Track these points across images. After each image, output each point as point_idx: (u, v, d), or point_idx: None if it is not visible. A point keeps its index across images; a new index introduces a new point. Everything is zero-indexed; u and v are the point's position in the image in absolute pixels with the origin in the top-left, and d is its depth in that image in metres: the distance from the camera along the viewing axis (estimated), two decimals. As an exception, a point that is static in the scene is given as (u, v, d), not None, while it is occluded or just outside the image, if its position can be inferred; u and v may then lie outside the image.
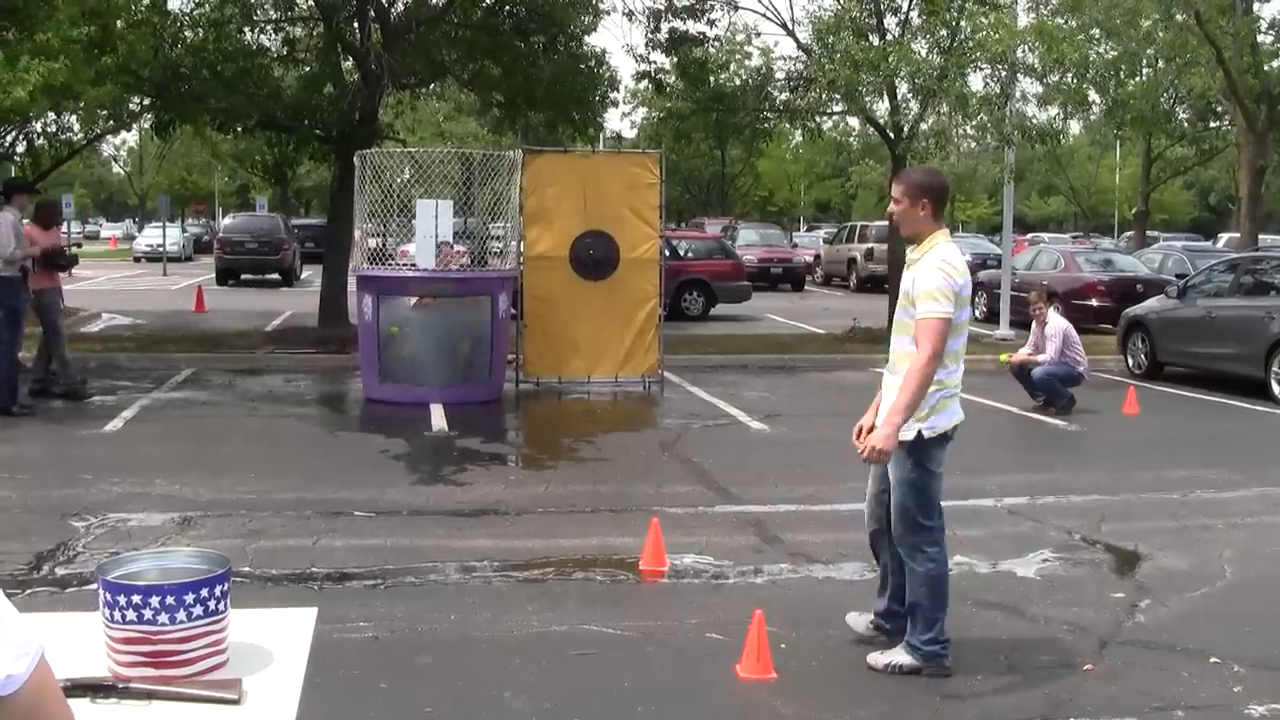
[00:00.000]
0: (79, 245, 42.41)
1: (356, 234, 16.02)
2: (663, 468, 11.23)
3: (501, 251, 15.61)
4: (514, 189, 15.37)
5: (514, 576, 7.67)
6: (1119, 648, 6.52)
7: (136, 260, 51.59)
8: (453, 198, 15.22)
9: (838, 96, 21.24)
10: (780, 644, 6.28)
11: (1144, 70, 34.29)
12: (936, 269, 5.80)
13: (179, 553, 3.46)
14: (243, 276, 37.39)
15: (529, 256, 15.49)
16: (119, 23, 17.30)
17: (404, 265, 14.86)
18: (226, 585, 3.23)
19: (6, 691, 2.20)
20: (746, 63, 26.27)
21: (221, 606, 3.22)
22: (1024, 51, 20.19)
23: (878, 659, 6.14)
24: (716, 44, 23.12)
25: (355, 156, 15.58)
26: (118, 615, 3.15)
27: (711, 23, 22.37)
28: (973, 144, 25.40)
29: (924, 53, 20.48)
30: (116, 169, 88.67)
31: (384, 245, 15.08)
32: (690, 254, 26.97)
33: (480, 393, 14.82)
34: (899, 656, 6.11)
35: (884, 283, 27.35)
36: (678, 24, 21.90)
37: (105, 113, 18.82)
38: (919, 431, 5.85)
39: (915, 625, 6.09)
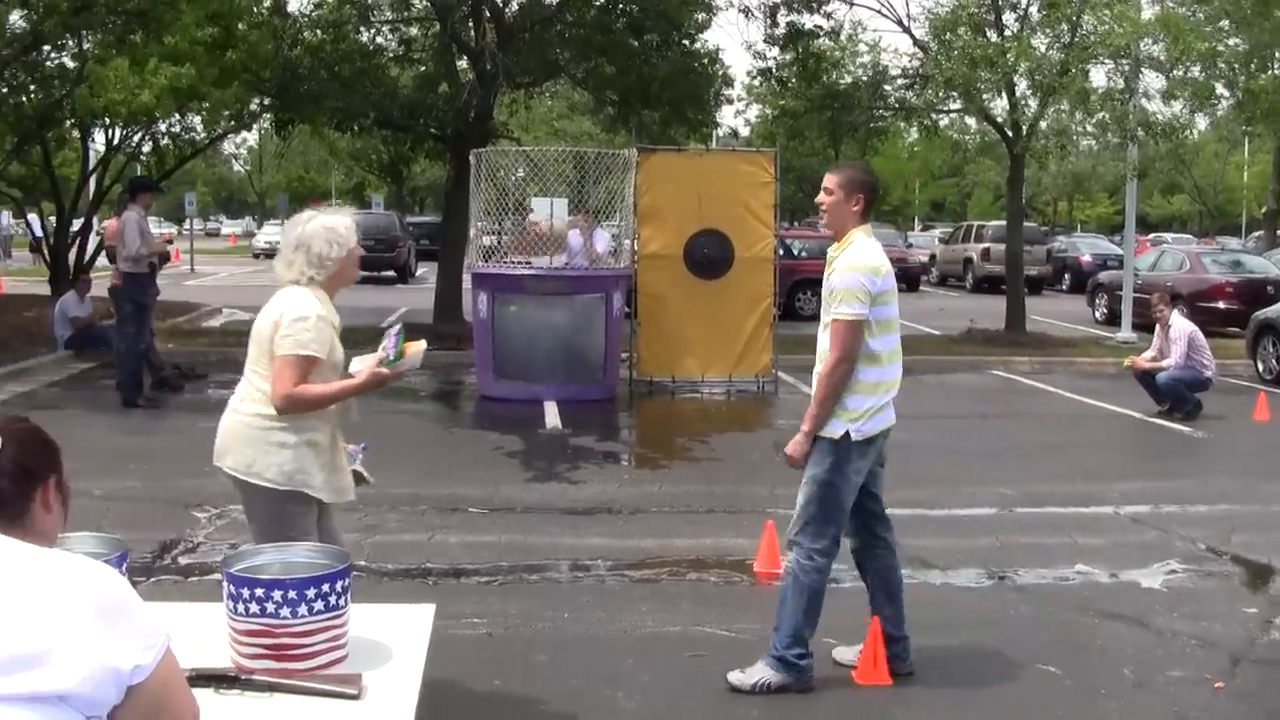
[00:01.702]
0: (169, 239, 43.02)
1: (471, 231, 16.15)
2: (776, 469, 11.01)
3: (615, 250, 15.62)
4: (628, 187, 15.41)
5: (628, 576, 7.67)
6: (1251, 666, 6.31)
7: (255, 256, 52.59)
8: (567, 196, 15.30)
9: (954, 94, 20.97)
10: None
11: (1276, 63, 33.35)
12: (850, 269, 5.61)
13: (300, 547, 3.52)
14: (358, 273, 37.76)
15: (643, 255, 15.49)
16: (240, 25, 17.72)
17: (518, 263, 14.94)
18: (347, 581, 3.27)
19: (135, 680, 2.24)
20: (859, 59, 25.92)
21: (342, 602, 3.27)
22: (1148, 44, 19.76)
23: (740, 678, 5.83)
24: (831, 39, 22.92)
25: (470, 155, 15.70)
26: (241, 608, 3.21)
27: (828, 15, 22.26)
28: (1093, 142, 24.95)
29: (1044, 48, 20.15)
30: (237, 167, 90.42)
31: (499, 242, 15.19)
32: (804, 253, 26.83)
33: (594, 391, 14.85)
34: (764, 673, 5.79)
35: (1001, 283, 27.01)
36: (794, 18, 21.81)
37: (228, 113, 19.10)
38: (847, 431, 5.64)
39: (780, 632, 5.80)
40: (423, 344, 4.93)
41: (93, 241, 24.19)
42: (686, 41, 22.03)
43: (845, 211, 5.74)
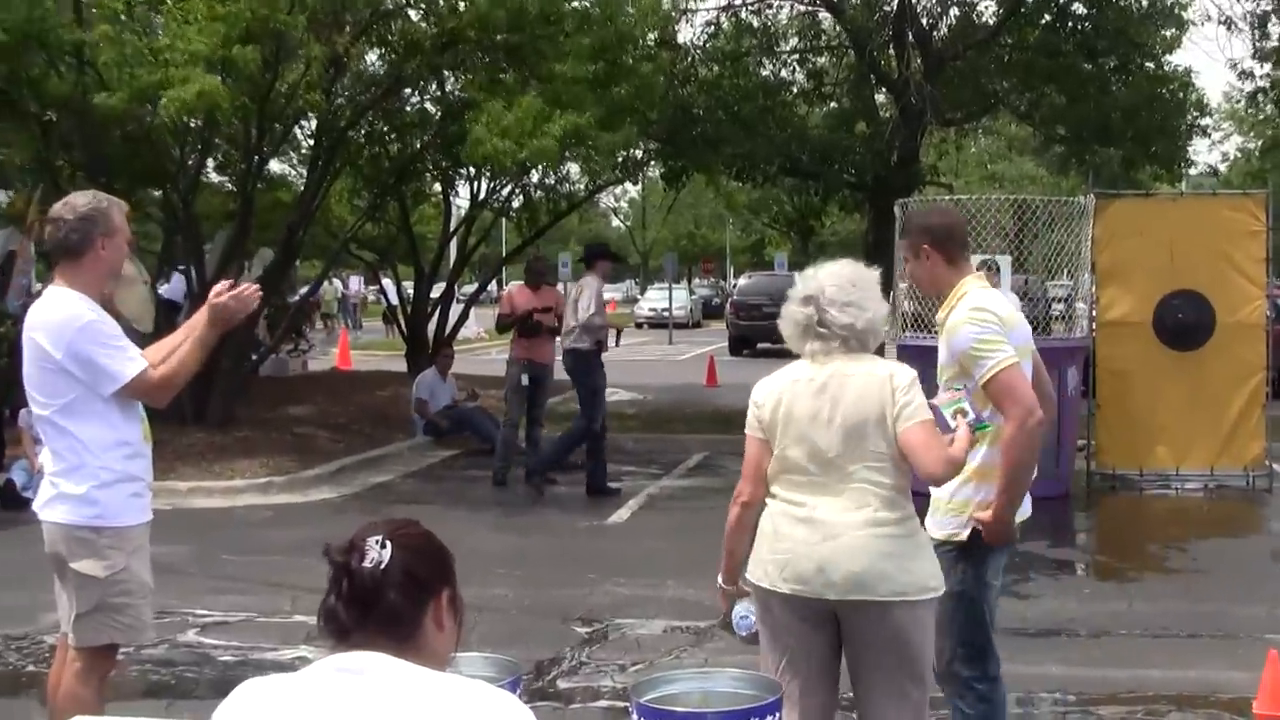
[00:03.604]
0: (545, 312, 44.47)
1: (893, 295, 16.08)
2: (1277, 584, 10.61)
3: (1066, 315, 15.26)
4: (1083, 242, 15.10)
5: (1093, 713, 7.43)
6: None
7: (639, 326, 53.33)
8: (1008, 252, 15.12)
9: None
10: None
11: None
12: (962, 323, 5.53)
13: (723, 674, 3.52)
14: (759, 345, 37.25)
15: (1103, 322, 15.13)
16: (627, 57, 17.99)
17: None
18: (780, 714, 3.25)
19: None
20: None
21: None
22: None
23: None
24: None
25: (895, 205, 15.70)
26: (654, 744, 3.22)
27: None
28: None
29: None
30: (616, 223, 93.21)
31: (921, 309, 15.05)
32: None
33: (1044, 486, 14.02)
34: None
35: None
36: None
37: (614, 161, 19.50)
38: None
39: None
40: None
41: (455, 310, 25.14)
42: (1151, 64, 21.45)
43: (927, 269, 5.79)
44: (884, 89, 21.46)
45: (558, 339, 14.95)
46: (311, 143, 19.81)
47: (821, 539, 4.71)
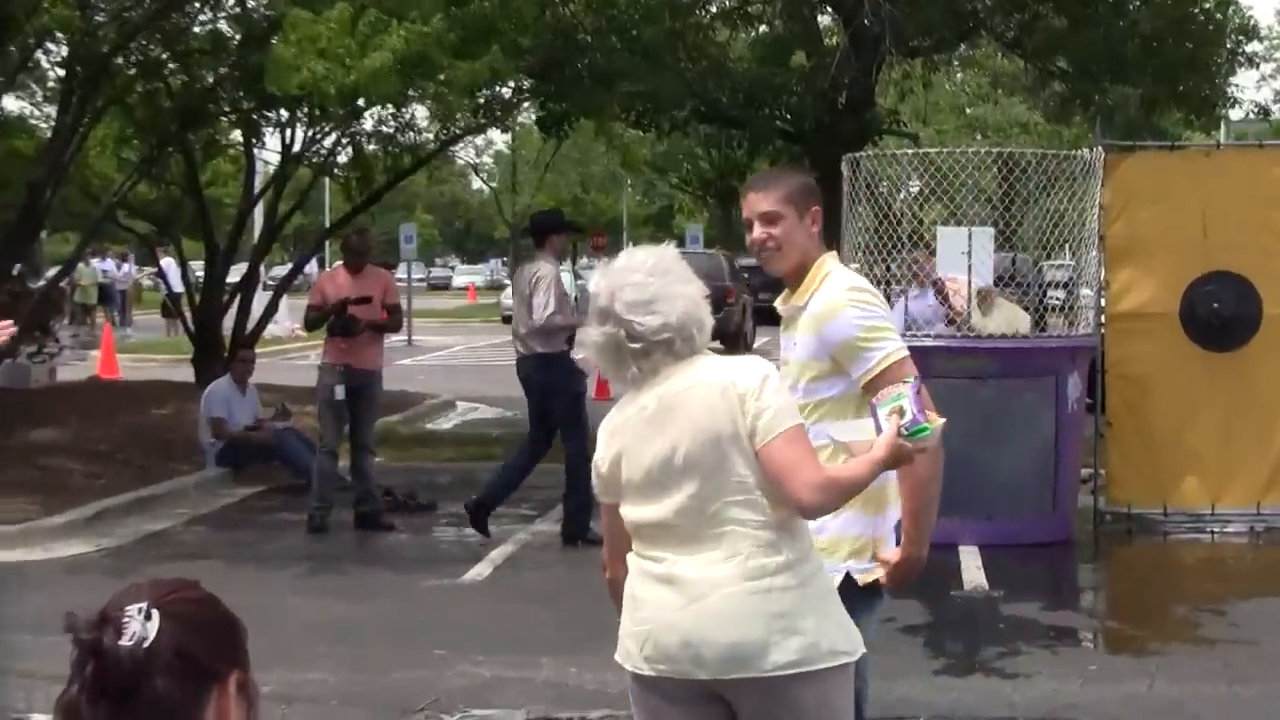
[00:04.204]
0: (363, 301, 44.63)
1: None
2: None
3: (1068, 306, 15.38)
4: (1089, 208, 15.07)
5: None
6: None
7: (507, 320, 52.97)
8: (990, 222, 15.19)
9: None
10: None
11: None
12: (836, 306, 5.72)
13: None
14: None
15: (1114, 314, 15.09)
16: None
17: (923, 335, 14.64)
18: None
19: None
20: None
21: None
22: None
23: None
24: None
25: (843, 161, 15.37)
26: None
27: None
28: None
29: None
30: (477, 184, 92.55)
31: (887, 294, 15.04)
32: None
33: (1038, 529, 14.51)
34: None
35: None
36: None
37: (474, 102, 19.43)
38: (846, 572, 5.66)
39: None
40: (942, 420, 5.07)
41: (261, 300, 24.77)
42: (1179, -26, 21.67)
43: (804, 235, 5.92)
44: (829, 7, 21.47)
45: (388, 337, 14.94)
46: (62, 73, 19.50)
47: (685, 602, 4.72)
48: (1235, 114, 36.79)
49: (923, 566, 5.68)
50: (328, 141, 23.45)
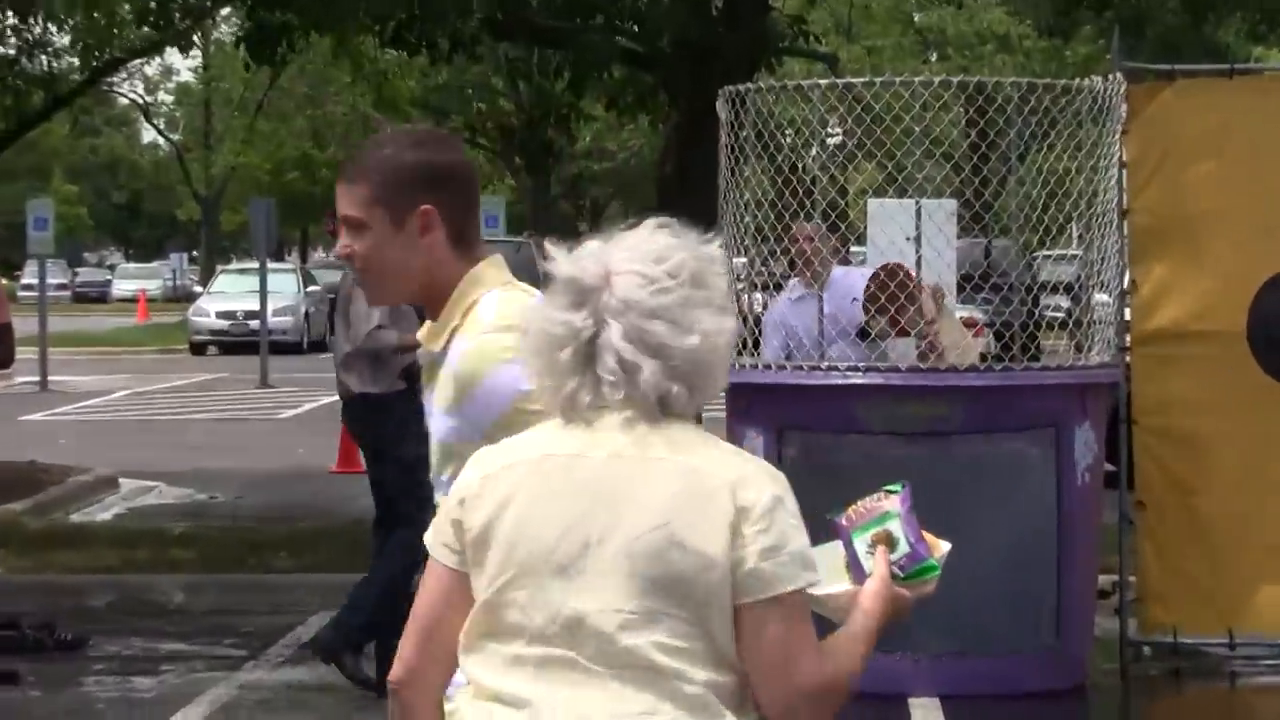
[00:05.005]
0: None
1: (731, 284, 13.00)
2: None
3: (1074, 320, 13.39)
4: (1105, 169, 12.70)
5: None
6: None
7: (198, 350, 50.75)
8: (952, 191, 14.72)
9: None
10: None
11: None
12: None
13: None
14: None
15: (1142, 333, 12.76)
16: None
17: (843, 367, 12.85)
18: None
19: None
20: None
21: None
22: None
23: None
24: None
25: (720, 97, 13.30)
26: None
27: None
28: None
29: None
30: (150, 136, 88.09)
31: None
32: None
33: (1033, 671, 12.43)
34: None
35: None
36: None
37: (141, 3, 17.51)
38: None
39: None
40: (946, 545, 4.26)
41: None
42: None
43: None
44: None
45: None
46: None
47: None
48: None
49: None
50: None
